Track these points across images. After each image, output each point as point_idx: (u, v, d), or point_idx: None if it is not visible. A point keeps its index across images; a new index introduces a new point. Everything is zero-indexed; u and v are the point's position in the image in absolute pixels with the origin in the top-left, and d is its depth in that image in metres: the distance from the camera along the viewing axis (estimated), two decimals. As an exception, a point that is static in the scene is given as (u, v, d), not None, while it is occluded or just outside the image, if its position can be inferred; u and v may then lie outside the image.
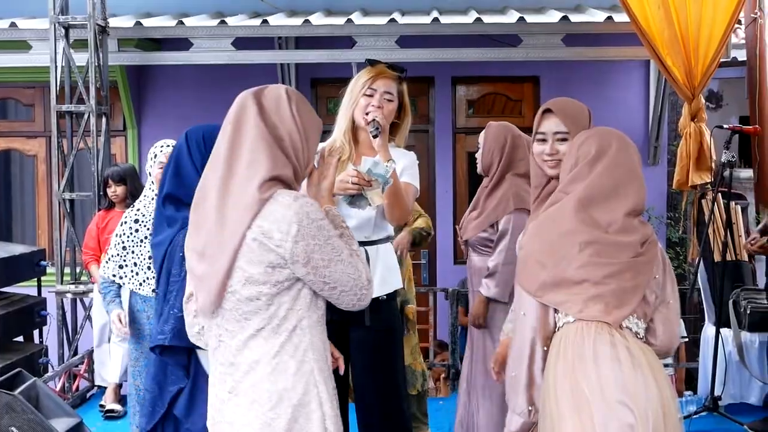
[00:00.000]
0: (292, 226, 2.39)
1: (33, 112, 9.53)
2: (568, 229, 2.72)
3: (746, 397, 5.87)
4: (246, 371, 2.47)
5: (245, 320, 2.46)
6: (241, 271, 2.42)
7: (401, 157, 3.67)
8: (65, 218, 6.94)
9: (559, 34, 7.51)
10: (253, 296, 2.43)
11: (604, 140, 2.84)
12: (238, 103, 2.54)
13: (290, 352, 2.45)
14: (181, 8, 8.82)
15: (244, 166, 2.44)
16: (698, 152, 6.24)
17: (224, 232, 2.42)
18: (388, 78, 3.63)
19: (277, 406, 2.42)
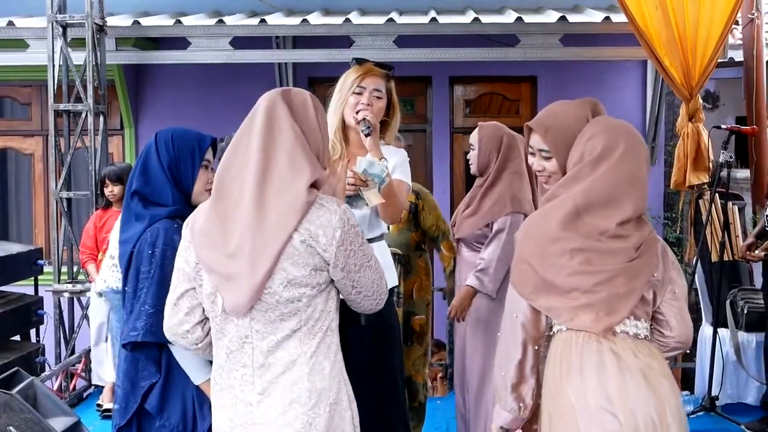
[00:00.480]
0: (337, 231, 2.47)
1: (30, 110, 9.53)
2: (558, 235, 2.67)
3: (743, 397, 5.88)
4: (281, 372, 2.48)
5: (281, 321, 2.48)
6: (284, 272, 2.44)
7: (392, 154, 3.68)
8: (62, 217, 6.93)
9: (556, 34, 7.51)
10: (295, 298, 2.46)
11: (612, 139, 2.74)
12: (267, 104, 2.53)
13: (324, 353, 2.51)
14: (179, 7, 8.82)
15: (286, 167, 2.45)
16: (696, 152, 6.24)
17: (265, 232, 2.41)
18: (376, 76, 3.64)
19: (317, 405, 2.47)
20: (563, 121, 2.95)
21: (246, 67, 8.16)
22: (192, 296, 2.62)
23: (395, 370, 3.77)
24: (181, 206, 3.09)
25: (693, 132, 6.26)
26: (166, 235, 3.01)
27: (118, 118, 9.19)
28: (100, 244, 6.22)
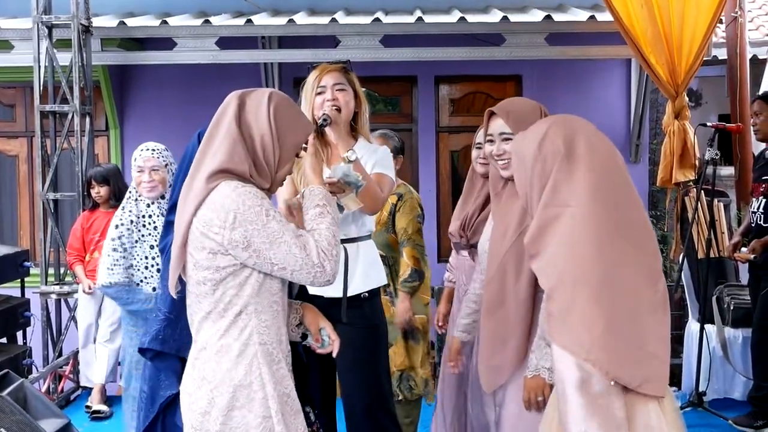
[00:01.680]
0: (229, 214, 2.53)
1: (14, 112, 9.47)
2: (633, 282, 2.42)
3: (730, 392, 5.93)
4: (199, 349, 2.65)
5: (197, 303, 2.65)
6: (190, 256, 2.63)
7: (373, 152, 3.74)
8: (49, 218, 6.90)
9: (542, 33, 7.55)
10: (200, 281, 2.62)
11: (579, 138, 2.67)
12: (224, 102, 2.72)
13: (234, 336, 2.60)
14: (164, 8, 8.79)
15: (208, 158, 2.63)
16: (682, 150, 6.29)
17: (181, 219, 2.64)
18: (333, 71, 3.69)
19: (219, 385, 2.58)
20: (522, 106, 3.30)
21: (232, 68, 8.15)
22: None
23: (381, 371, 3.78)
24: None
25: (679, 129, 6.31)
26: None
27: (103, 119, 9.15)
28: (87, 246, 6.21)
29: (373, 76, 7.26)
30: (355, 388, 3.73)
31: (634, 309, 2.39)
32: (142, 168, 4.59)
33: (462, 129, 9.20)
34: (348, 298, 3.60)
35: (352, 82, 3.73)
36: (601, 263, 2.39)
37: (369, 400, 3.71)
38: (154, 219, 4.56)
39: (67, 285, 6.91)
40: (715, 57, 7.53)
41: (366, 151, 3.72)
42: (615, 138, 9.02)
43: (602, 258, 2.40)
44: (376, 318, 3.75)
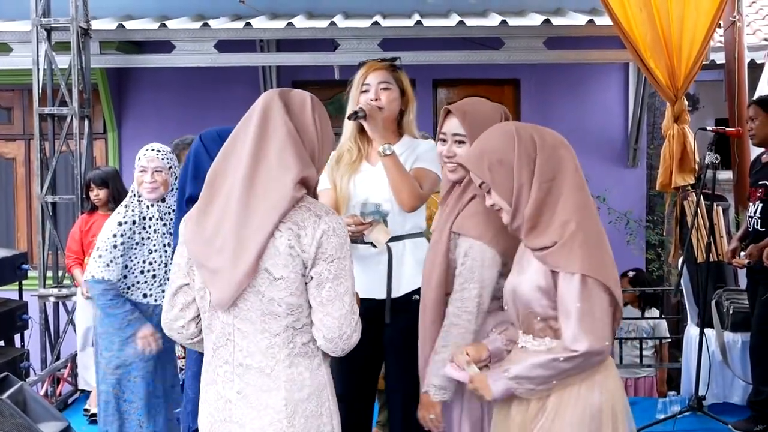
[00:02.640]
0: (318, 232, 2.41)
1: (12, 114, 9.46)
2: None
3: (729, 396, 5.93)
4: (259, 375, 2.47)
5: (261, 323, 2.45)
6: (265, 272, 2.41)
7: (417, 146, 3.67)
8: (47, 221, 6.89)
9: (541, 37, 7.56)
10: (275, 301, 2.43)
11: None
12: (264, 101, 2.53)
13: (305, 364, 2.48)
14: (162, 11, 8.79)
15: (274, 163, 2.43)
16: (681, 154, 6.30)
17: (249, 228, 2.40)
18: (380, 69, 3.65)
19: (292, 416, 2.45)
20: (481, 108, 3.12)
21: (230, 70, 8.16)
22: (186, 292, 2.62)
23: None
24: None
25: (679, 133, 6.32)
26: None
27: (101, 122, 9.14)
28: (86, 248, 6.19)
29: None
30: (397, 390, 3.68)
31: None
32: (144, 168, 4.53)
33: (460, 133, 9.19)
34: (396, 299, 3.56)
35: (399, 80, 3.67)
36: (590, 207, 2.72)
37: (410, 402, 3.57)
38: (154, 222, 4.52)
39: (66, 288, 6.90)
40: (712, 61, 7.55)
41: (408, 147, 3.65)
42: (612, 142, 9.07)
43: (589, 203, 2.72)
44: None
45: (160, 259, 4.48)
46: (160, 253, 4.49)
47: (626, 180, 9.04)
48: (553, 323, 2.68)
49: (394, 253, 3.54)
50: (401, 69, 3.72)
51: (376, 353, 3.66)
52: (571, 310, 2.59)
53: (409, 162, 3.60)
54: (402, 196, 3.47)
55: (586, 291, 2.58)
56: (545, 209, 2.67)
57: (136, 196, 4.54)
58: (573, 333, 2.59)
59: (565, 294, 2.61)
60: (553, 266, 2.62)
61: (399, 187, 3.46)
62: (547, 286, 2.65)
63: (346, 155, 3.68)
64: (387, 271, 3.52)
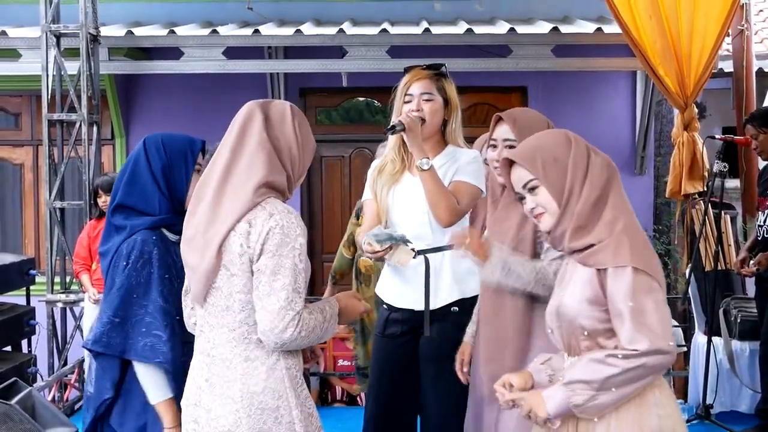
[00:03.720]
0: (265, 228, 2.53)
1: (20, 120, 9.49)
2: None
3: (737, 405, 5.91)
4: (220, 366, 2.62)
5: (222, 317, 2.61)
6: (224, 268, 2.58)
7: (459, 157, 3.61)
8: (56, 227, 6.91)
9: (548, 44, 7.57)
10: (230, 295, 2.59)
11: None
12: (245, 112, 2.68)
13: (262, 359, 2.60)
14: (171, 17, 8.82)
15: (243, 169, 2.59)
16: (691, 161, 6.30)
17: (213, 228, 2.57)
18: (423, 79, 3.60)
19: (248, 406, 2.57)
20: (530, 115, 3.28)
21: (237, 77, 8.18)
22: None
23: (461, 388, 3.56)
24: (167, 215, 3.06)
25: (688, 141, 6.32)
26: (142, 247, 2.97)
27: (109, 128, 9.16)
28: (93, 255, 6.20)
29: (379, 86, 7.25)
30: (432, 401, 3.63)
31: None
32: None
33: (467, 140, 9.15)
34: (433, 311, 3.50)
35: (443, 90, 3.62)
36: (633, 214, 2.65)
37: (445, 419, 3.59)
38: None
39: (73, 294, 6.91)
40: (720, 69, 7.55)
41: (450, 158, 3.60)
42: (620, 150, 9.05)
43: (632, 210, 2.66)
44: (462, 334, 3.52)
45: None
46: None
47: (633, 188, 9.02)
48: (602, 340, 2.52)
49: (433, 265, 3.47)
50: (446, 77, 3.67)
51: (413, 366, 3.61)
52: (623, 311, 2.43)
53: (449, 173, 3.56)
54: (438, 212, 3.44)
55: (638, 285, 2.43)
56: (595, 210, 2.57)
57: None
58: (629, 334, 2.41)
59: (616, 293, 2.45)
60: (601, 264, 2.50)
61: (436, 202, 3.43)
62: (594, 294, 2.50)
63: (389, 166, 3.66)
64: (425, 282, 3.46)
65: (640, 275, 2.45)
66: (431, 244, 3.50)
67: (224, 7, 8.86)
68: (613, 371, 2.41)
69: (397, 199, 3.60)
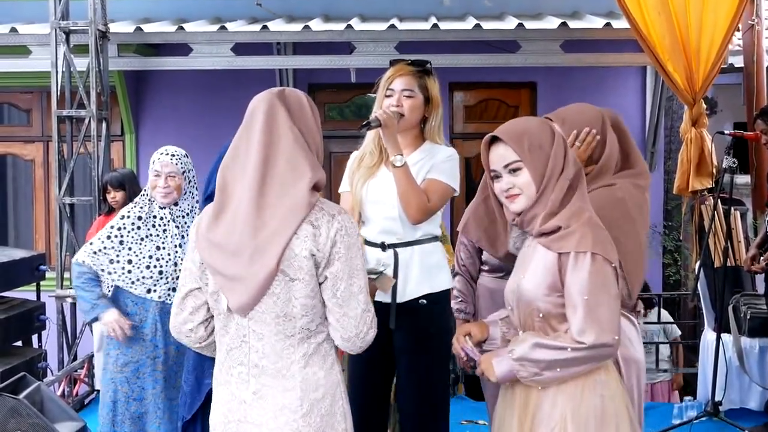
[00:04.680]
0: (332, 230, 2.45)
1: (30, 116, 9.53)
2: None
3: (746, 402, 5.89)
4: (274, 376, 2.50)
5: (276, 325, 2.48)
6: (282, 274, 2.44)
7: (435, 154, 3.63)
8: (65, 223, 6.94)
9: (557, 40, 7.54)
10: (289, 301, 2.46)
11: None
12: (266, 105, 2.53)
13: (319, 363, 2.52)
14: (180, 14, 8.83)
15: (286, 169, 2.46)
16: (699, 158, 6.28)
17: (267, 234, 2.43)
18: (405, 75, 3.62)
19: (307, 415, 2.49)
20: (576, 108, 3.29)
21: (247, 73, 8.17)
22: (197, 296, 2.65)
23: (435, 381, 3.66)
24: None
25: (696, 137, 6.30)
26: None
27: (118, 124, 9.19)
28: (103, 250, 6.21)
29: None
30: (407, 396, 3.67)
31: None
32: (158, 173, 4.47)
33: (476, 136, 9.16)
34: (401, 304, 3.55)
35: (425, 87, 3.63)
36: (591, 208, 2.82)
37: (421, 410, 3.63)
38: (165, 222, 4.44)
39: (83, 289, 6.92)
40: (731, 65, 7.51)
41: (426, 155, 3.62)
42: (630, 146, 9.02)
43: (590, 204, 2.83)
44: (433, 326, 3.61)
45: (168, 257, 4.38)
46: (169, 251, 4.39)
47: (643, 183, 8.99)
48: (555, 323, 2.67)
49: (401, 258, 3.55)
50: (431, 74, 3.69)
51: (385, 359, 3.64)
52: (578, 303, 2.57)
53: (423, 171, 3.58)
54: (408, 209, 3.49)
55: (595, 276, 2.56)
56: (565, 199, 2.68)
57: (148, 197, 4.50)
58: (580, 326, 2.57)
59: (573, 284, 2.59)
60: (564, 248, 2.61)
61: (407, 199, 3.47)
62: (553, 281, 2.63)
63: (367, 158, 3.68)
64: (393, 275, 3.52)
65: (597, 262, 2.58)
66: (401, 238, 3.56)
67: (233, 4, 8.87)
68: (559, 356, 2.59)
69: (370, 192, 3.63)
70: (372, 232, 3.63)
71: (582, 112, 3.25)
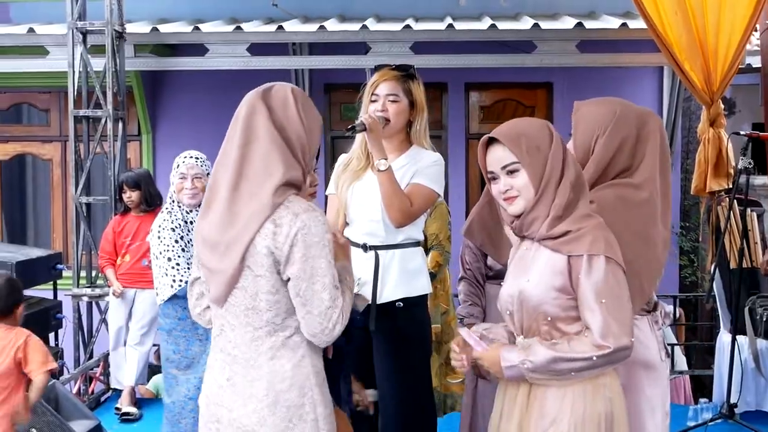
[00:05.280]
0: (292, 229, 2.49)
1: (48, 116, 9.59)
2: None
3: (762, 404, 5.86)
4: (244, 366, 2.60)
5: (245, 317, 2.59)
6: (248, 270, 2.54)
7: (420, 158, 3.67)
8: (82, 222, 6.97)
9: (573, 40, 7.52)
10: (256, 295, 2.55)
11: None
12: (247, 105, 2.62)
13: (288, 356, 2.58)
14: (196, 14, 8.87)
15: (259, 169, 2.54)
16: (717, 158, 6.23)
17: (235, 230, 2.53)
18: (390, 80, 3.66)
19: (273, 405, 2.56)
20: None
21: (262, 73, 8.16)
22: (201, 283, 2.80)
23: (416, 383, 3.71)
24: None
25: (714, 137, 6.25)
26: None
27: (135, 124, 9.25)
28: (118, 249, 6.25)
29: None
30: (389, 399, 3.68)
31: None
32: (185, 175, 4.60)
33: (493, 136, 9.17)
34: (380, 305, 3.58)
35: (409, 92, 3.67)
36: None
37: (404, 412, 3.66)
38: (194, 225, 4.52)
39: (99, 288, 6.97)
40: (749, 65, 7.46)
41: (411, 159, 3.66)
42: (646, 146, 8.99)
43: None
44: (411, 329, 3.67)
45: None
46: None
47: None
48: (562, 325, 2.62)
49: (382, 260, 3.59)
50: (415, 78, 3.72)
51: (367, 360, 3.68)
52: (595, 307, 2.53)
53: (408, 175, 3.62)
54: (392, 213, 3.52)
55: (610, 278, 2.54)
56: (570, 204, 2.63)
57: (176, 203, 4.60)
58: (602, 330, 2.51)
59: (588, 287, 2.54)
60: (576, 251, 2.56)
61: (390, 203, 3.51)
62: (563, 283, 2.58)
63: (354, 162, 3.74)
64: (373, 277, 3.57)
65: (611, 265, 2.55)
66: (383, 241, 3.61)
67: (249, 4, 8.90)
68: (584, 365, 2.54)
69: (355, 195, 3.68)
70: (355, 233, 3.69)
71: (594, 111, 3.17)
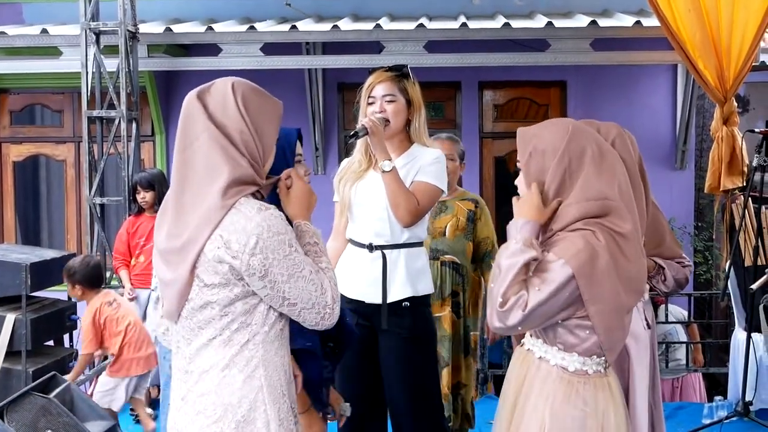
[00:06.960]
0: (251, 238, 2.33)
1: (62, 117, 9.61)
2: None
3: (777, 402, 5.84)
4: (196, 380, 2.45)
5: (199, 329, 2.44)
6: (198, 279, 2.40)
7: (422, 156, 3.69)
8: (96, 223, 6.99)
9: (587, 38, 7.50)
10: (207, 305, 2.41)
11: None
12: (184, 106, 2.49)
13: (240, 366, 2.42)
14: (209, 14, 8.88)
15: (202, 172, 2.39)
16: (730, 156, 6.20)
17: (183, 239, 2.38)
18: (385, 81, 3.68)
19: (221, 419, 2.40)
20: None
21: (275, 73, 8.19)
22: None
23: (427, 382, 3.74)
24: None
25: (727, 135, 6.22)
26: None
27: (149, 125, 9.25)
28: (132, 250, 6.27)
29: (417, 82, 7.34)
30: (399, 399, 3.70)
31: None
32: None
33: (506, 135, 9.16)
34: (388, 305, 3.60)
35: (405, 91, 3.69)
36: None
37: (415, 412, 3.67)
38: None
39: (113, 289, 6.97)
40: (762, 63, 7.42)
41: (413, 158, 3.69)
42: (660, 144, 8.96)
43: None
44: (419, 328, 3.69)
45: None
46: None
47: (673, 183, 8.93)
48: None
49: (389, 259, 3.61)
50: (409, 77, 3.74)
51: (373, 360, 3.70)
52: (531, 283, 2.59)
53: (411, 173, 3.65)
54: (399, 213, 3.55)
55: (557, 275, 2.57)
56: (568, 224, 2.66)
57: None
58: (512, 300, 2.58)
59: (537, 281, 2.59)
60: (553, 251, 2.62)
61: (397, 203, 3.53)
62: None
63: (354, 166, 3.76)
64: (382, 276, 3.58)
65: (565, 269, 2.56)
66: (389, 240, 3.63)
67: (262, 4, 8.90)
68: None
69: (359, 194, 3.70)
70: (359, 233, 3.70)
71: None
